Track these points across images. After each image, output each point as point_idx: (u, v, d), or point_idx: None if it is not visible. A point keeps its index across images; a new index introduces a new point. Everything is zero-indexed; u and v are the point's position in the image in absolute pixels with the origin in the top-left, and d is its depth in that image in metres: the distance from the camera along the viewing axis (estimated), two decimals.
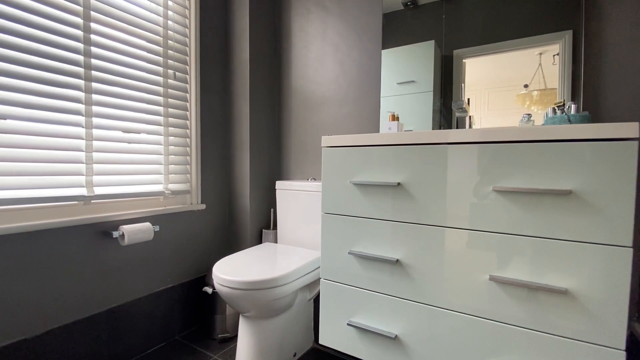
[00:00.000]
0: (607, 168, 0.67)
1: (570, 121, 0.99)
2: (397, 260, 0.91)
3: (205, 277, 1.58)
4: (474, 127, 1.26)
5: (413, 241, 0.89)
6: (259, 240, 1.74)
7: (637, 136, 0.64)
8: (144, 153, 1.37)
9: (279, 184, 1.61)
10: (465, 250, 0.82)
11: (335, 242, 1.02)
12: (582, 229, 0.69)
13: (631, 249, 0.65)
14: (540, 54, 1.16)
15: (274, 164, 1.82)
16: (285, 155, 1.80)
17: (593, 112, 1.09)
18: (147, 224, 1.29)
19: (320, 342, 1.06)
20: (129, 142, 1.32)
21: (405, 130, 1.39)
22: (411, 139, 0.88)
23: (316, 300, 1.49)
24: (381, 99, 1.45)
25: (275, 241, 1.70)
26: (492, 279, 0.77)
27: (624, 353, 0.66)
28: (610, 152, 0.66)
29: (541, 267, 0.73)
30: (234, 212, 1.73)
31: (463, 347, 0.82)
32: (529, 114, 1.14)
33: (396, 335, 0.91)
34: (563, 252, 0.71)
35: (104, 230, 1.23)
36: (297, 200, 1.55)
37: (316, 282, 1.41)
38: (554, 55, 1.14)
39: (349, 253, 0.99)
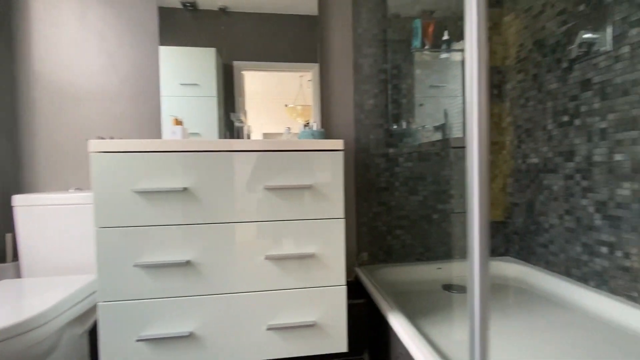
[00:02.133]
0: (329, 169, 1.01)
1: (313, 136, 1.38)
2: (188, 261, 0.95)
3: None
4: (252, 135, 1.48)
5: (202, 240, 0.96)
6: None
7: (342, 148, 1.01)
8: None
9: (19, 200, 1.22)
10: (245, 240, 0.98)
11: (116, 258, 0.93)
12: (319, 210, 1.01)
13: (343, 219, 1.02)
14: (301, 76, 1.52)
15: (7, 174, 1.35)
16: (29, 161, 1.37)
17: (327, 129, 1.56)
18: None
19: None
20: None
21: (190, 133, 1.42)
22: (197, 146, 0.95)
23: (92, 331, 1.26)
24: (164, 98, 1.41)
25: (19, 276, 1.27)
26: (267, 257, 0.98)
27: (345, 287, 1.03)
28: (330, 158, 1.01)
29: (298, 241, 1.01)
30: None
31: (251, 320, 0.99)
32: (289, 127, 1.48)
33: (191, 332, 0.95)
34: (310, 227, 1.01)
35: None
36: (53, 217, 1.24)
37: (90, 310, 1.19)
38: (308, 81, 1.53)
39: (134, 266, 0.93)
